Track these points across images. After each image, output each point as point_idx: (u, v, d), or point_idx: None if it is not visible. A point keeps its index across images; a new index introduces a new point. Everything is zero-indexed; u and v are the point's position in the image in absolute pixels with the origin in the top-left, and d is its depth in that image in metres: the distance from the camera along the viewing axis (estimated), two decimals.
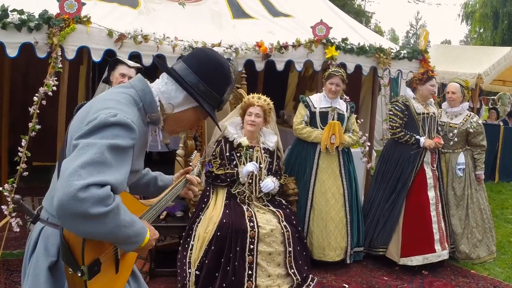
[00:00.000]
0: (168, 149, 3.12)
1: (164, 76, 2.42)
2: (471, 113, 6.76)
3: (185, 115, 2.41)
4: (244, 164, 5.32)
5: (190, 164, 3.03)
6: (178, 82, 2.34)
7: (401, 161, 6.17)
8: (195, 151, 3.84)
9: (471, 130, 6.43)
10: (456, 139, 6.46)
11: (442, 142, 6.22)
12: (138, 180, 2.65)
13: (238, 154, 5.37)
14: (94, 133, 2.03)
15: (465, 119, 6.49)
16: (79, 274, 2.07)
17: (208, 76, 2.36)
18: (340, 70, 6.06)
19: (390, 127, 6.27)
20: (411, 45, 48.64)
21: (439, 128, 6.45)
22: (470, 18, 31.54)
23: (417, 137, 6.06)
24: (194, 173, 2.96)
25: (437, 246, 6.03)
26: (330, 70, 6.07)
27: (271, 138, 5.57)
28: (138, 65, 5.07)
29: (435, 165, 6.20)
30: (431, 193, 6.12)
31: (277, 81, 9.58)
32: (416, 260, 5.97)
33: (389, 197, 6.19)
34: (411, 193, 6.11)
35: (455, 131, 6.45)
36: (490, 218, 6.69)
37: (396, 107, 6.20)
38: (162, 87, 2.37)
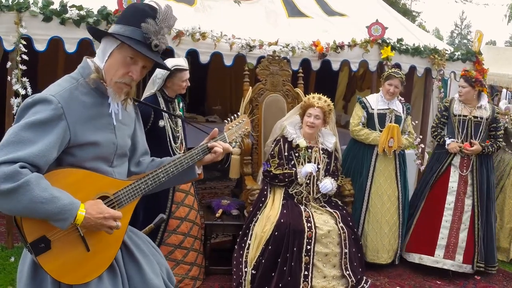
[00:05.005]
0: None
1: None
2: None
3: (112, 60, 2.44)
4: (302, 164, 5.28)
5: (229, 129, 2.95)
6: (93, 35, 2.54)
7: (433, 161, 6.22)
8: (244, 118, 3.03)
9: None
10: None
11: (471, 148, 5.87)
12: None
13: (296, 154, 5.33)
14: (17, 119, 2.26)
15: None
16: (29, 252, 2.28)
17: (123, 18, 2.47)
18: (400, 72, 5.96)
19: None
20: (456, 45, 47.97)
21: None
22: None
23: (445, 138, 6.02)
24: (227, 140, 2.87)
25: (438, 252, 5.90)
26: (390, 71, 5.96)
27: (330, 139, 5.51)
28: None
29: (466, 171, 5.97)
30: (451, 197, 5.98)
31: (328, 80, 9.53)
32: (411, 257, 6.02)
33: (416, 195, 6.30)
34: (432, 193, 6.10)
35: None
36: None
37: (439, 108, 6.27)
38: (98, 54, 2.50)
